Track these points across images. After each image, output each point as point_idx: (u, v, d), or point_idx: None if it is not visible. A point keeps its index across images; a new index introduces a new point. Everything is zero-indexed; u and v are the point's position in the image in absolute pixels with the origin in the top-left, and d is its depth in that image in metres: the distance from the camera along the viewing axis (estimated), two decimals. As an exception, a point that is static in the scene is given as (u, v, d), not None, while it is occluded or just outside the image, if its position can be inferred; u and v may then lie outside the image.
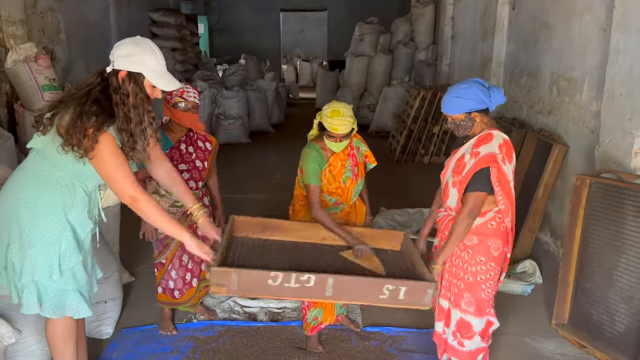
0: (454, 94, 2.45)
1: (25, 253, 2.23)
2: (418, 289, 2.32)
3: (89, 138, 2.12)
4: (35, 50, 5.89)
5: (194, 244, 2.34)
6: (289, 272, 2.25)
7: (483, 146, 2.42)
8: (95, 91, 2.19)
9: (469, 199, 2.44)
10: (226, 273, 2.23)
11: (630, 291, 3.08)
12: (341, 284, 2.29)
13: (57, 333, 2.42)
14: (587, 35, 3.96)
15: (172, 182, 2.56)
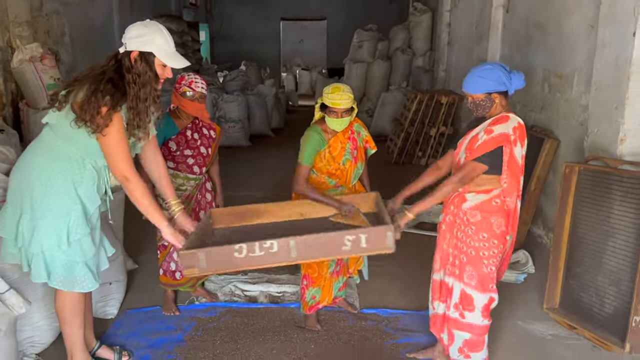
0: (477, 74, 2.51)
1: (36, 223, 2.35)
2: (378, 234, 2.39)
3: (102, 116, 2.25)
4: (41, 50, 6.04)
5: (169, 232, 2.48)
6: (251, 242, 2.33)
7: (498, 125, 2.49)
8: (109, 71, 2.33)
9: (467, 166, 2.51)
10: (193, 254, 2.33)
11: (618, 274, 3.19)
12: (303, 244, 2.35)
13: (66, 306, 2.53)
14: (576, 33, 4.11)
15: (158, 174, 2.67)
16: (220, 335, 3.10)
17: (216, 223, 2.88)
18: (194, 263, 2.34)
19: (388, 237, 2.38)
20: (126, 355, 2.87)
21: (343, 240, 2.37)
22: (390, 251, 2.43)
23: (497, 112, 2.56)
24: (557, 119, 4.48)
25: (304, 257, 2.42)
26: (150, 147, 2.64)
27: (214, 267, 2.43)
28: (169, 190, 2.69)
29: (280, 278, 3.85)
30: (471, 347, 2.68)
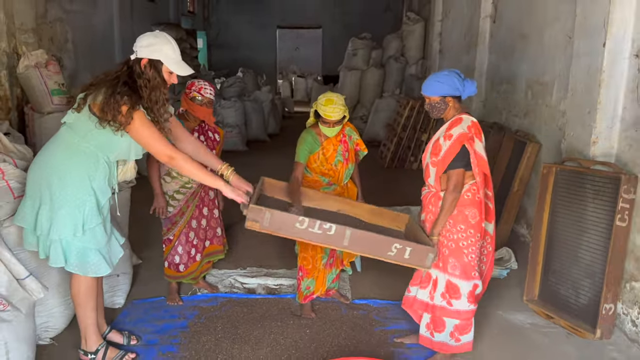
0: (435, 79, 2.81)
1: (54, 214, 2.57)
2: (421, 251, 2.67)
3: (123, 115, 2.49)
4: (46, 56, 6.26)
5: (229, 189, 2.70)
6: (314, 219, 2.58)
7: (454, 128, 2.78)
8: (123, 76, 2.57)
9: (452, 176, 2.78)
10: (261, 211, 2.56)
11: (592, 267, 3.43)
12: (357, 237, 2.62)
13: (81, 290, 2.75)
14: (556, 43, 4.38)
15: (198, 152, 2.91)
16: (221, 322, 3.32)
17: (266, 191, 3.15)
18: (259, 218, 2.57)
19: (429, 257, 2.67)
20: (134, 339, 3.09)
21: (391, 246, 2.64)
22: (426, 270, 2.75)
23: (451, 115, 2.84)
24: (539, 124, 4.74)
25: (352, 247, 2.67)
26: (179, 130, 2.89)
27: (274, 228, 2.62)
28: (213, 159, 2.93)
29: (277, 272, 4.08)
30: (461, 330, 2.91)
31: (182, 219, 3.50)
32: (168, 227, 3.53)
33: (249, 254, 4.40)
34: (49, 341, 3.06)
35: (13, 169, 2.90)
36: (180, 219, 3.50)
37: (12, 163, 2.93)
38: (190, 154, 2.85)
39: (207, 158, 2.94)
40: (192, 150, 2.90)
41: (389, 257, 2.67)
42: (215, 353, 2.99)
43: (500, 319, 3.57)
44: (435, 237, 2.83)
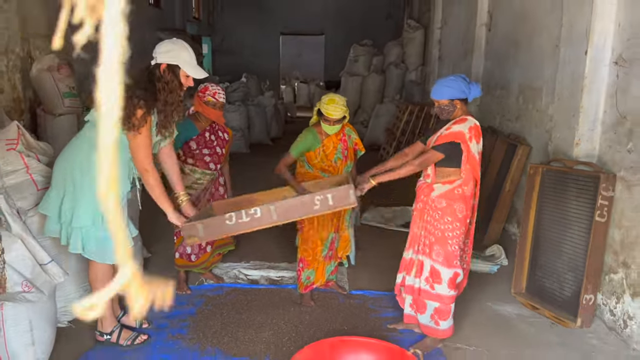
0: (443, 84, 3.02)
1: (76, 204, 2.80)
2: (341, 192, 2.85)
3: (137, 118, 2.72)
4: (58, 60, 6.53)
5: (174, 215, 2.95)
6: (239, 210, 2.78)
7: (456, 125, 2.99)
8: (142, 80, 2.80)
9: (427, 154, 3.01)
10: (192, 225, 2.79)
11: (575, 261, 3.66)
12: (282, 207, 2.81)
13: (98, 276, 2.98)
14: (545, 50, 4.62)
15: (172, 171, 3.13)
16: (226, 308, 3.55)
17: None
18: (194, 233, 2.79)
19: (350, 194, 2.85)
20: (146, 322, 3.32)
21: (313, 200, 2.83)
22: (354, 205, 2.91)
23: (458, 116, 3.06)
24: (529, 128, 4.98)
25: (283, 218, 2.85)
26: (167, 148, 3.11)
27: (210, 235, 2.86)
28: (179, 184, 3.16)
29: (279, 265, 4.32)
30: (440, 315, 3.13)
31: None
32: (179, 221, 3.76)
33: (253, 249, 4.63)
34: (67, 324, 3.29)
35: (37, 164, 3.14)
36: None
37: (35, 158, 3.17)
38: (165, 168, 3.11)
39: (177, 178, 3.16)
40: (169, 167, 3.13)
41: (317, 211, 2.86)
42: (221, 335, 3.22)
43: (488, 309, 3.79)
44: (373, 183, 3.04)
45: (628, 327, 3.25)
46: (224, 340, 3.16)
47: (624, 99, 3.37)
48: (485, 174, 5.59)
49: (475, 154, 3.01)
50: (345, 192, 2.84)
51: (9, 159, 3.07)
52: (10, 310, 2.68)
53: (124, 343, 3.06)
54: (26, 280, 2.80)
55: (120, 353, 3.01)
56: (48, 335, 2.86)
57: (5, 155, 3.06)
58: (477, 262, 4.54)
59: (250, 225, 2.81)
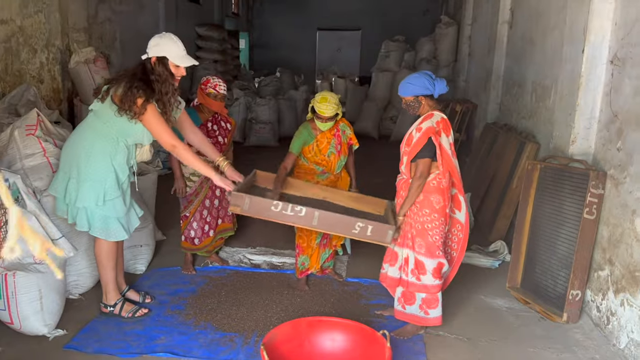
0: (407, 81, 3.19)
1: (80, 185, 3.07)
2: (381, 229, 3.04)
3: (138, 106, 2.97)
4: (94, 54, 6.93)
5: (218, 178, 3.16)
6: (287, 203, 2.99)
7: (424, 122, 3.14)
8: (138, 73, 3.05)
9: (419, 165, 3.14)
10: (241, 197, 3.00)
11: (568, 258, 3.69)
12: (324, 217, 3.01)
13: (102, 251, 3.25)
14: (555, 48, 4.62)
15: (201, 143, 3.41)
16: (225, 289, 3.79)
17: (258, 182, 3.59)
18: (240, 203, 3.00)
19: (389, 234, 3.05)
20: (149, 298, 3.59)
21: (355, 225, 3.02)
22: (387, 245, 3.13)
23: (425, 111, 3.19)
24: (539, 125, 4.99)
25: (321, 227, 3.07)
26: (187, 124, 3.38)
27: (252, 212, 3.05)
28: (212, 151, 3.42)
29: (283, 252, 4.52)
30: (428, 304, 3.26)
31: (197, 198, 3.98)
32: (185, 205, 4.01)
33: (259, 236, 4.84)
34: (78, 296, 3.59)
35: (53, 148, 3.45)
36: (195, 198, 3.98)
37: (52, 143, 3.48)
38: (195, 144, 3.34)
39: (209, 150, 3.43)
40: (197, 142, 3.39)
41: (354, 234, 3.05)
42: (215, 312, 3.45)
43: (480, 301, 3.88)
44: (401, 218, 3.20)
45: (610, 324, 3.29)
46: (217, 317, 3.39)
47: (617, 98, 3.39)
48: (497, 170, 5.62)
49: (446, 146, 3.12)
50: (384, 231, 3.03)
51: (28, 143, 3.38)
52: (22, 278, 2.99)
53: (125, 315, 3.33)
54: (38, 253, 3.09)
55: (121, 323, 3.28)
56: (56, 303, 3.16)
57: (25, 140, 3.38)
58: (479, 257, 4.61)
59: (291, 219, 3.02)
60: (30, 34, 6.11)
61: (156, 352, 2.98)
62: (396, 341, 3.18)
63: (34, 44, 6.20)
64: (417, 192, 3.16)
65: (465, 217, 3.34)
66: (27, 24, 6.01)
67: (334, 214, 3.05)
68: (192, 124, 3.43)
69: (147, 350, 3.00)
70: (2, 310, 3.02)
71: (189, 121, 3.42)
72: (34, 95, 5.74)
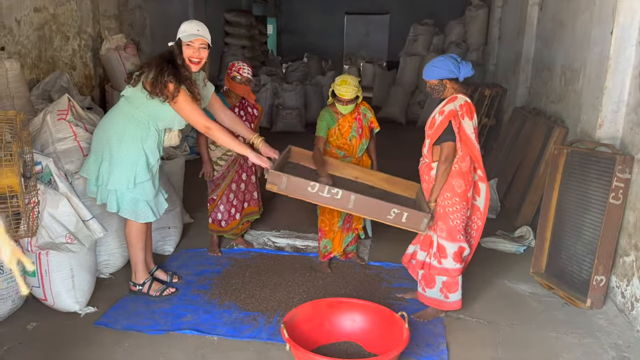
0: (431, 64, 3.16)
1: (112, 168, 3.18)
2: (416, 216, 3.03)
3: (169, 90, 3.03)
4: (125, 40, 7.06)
5: (254, 155, 3.20)
6: (323, 185, 3.03)
7: (447, 105, 3.12)
8: (166, 58, 3.12)
9: (443, 148, 3.12)
10: (278, 175, 3.03)
11: (593, 243, 3.64)
12: (360, 201, 3.01)
13: (132, 231, 3.36)
14: (585, 30, 4.52)
15: (233, 122, 3.47)
16: (249, 270, 3.88)
17: (292, 158, 3.65)
18: (277, 182, 3.03)
19: (423, 222, 3.04)
20: (176, 278, 3.70)
21: (390, 210, 3.02)
22: (423, 233, 3.11)
23: (449, 94, 3.16)
24: (568, 109, 4.90)
25: (356, 211, 3.07)
26: (217, 105, 3.45)
27: (289, 191, 3.07)
28: (246, 130, 3.48)
29: (307, 235, 4.58)
30: (448, 288, 3.28)
31: (224, 181, 4.06)
32: (212, 189, 4.10)
33: (284, 219, 4.91)
34: (109, 275, 3.73)
35: (83, 132, 3.56)
36: (222, 181, 4.06)
37: (83, 127, 3.59)
38: (227, 125, 3.40)
39: (241, 129, 3.48)
40: (229, 122, 3.45)
41: (389, 220, 3.04)
42: (239, 292, 3.54)
43: (503, 286, 3.87)
44: (432, 204, 3.19)
45: (634, 309, 3.25)
46: (241, 297, 3.48)
47: (646, 80, 3.31)
48: (525, 156, 5.55)
49: (467, 130, 3.10)
50: (419, 218, 3.02)
51: (60, 127, 3.50)
52: (55, 257, 3.12)
53: (153, 293, 3.45)
54: (69, 233, 3.22)
55: (148, 302, 3.39)
56: (87, 282, 3.29)
57: (57, 124, 3.50)
58: (504, 242, 4.59)
59: (327, 201, 3.03)
60: (63, 21, 6.26)
61: (182, 329, 3.09)
62: (416, 323, 3.22)
63: (67, 32, 6.36)
64: (445, 176, 3.14)
65: (485, 204, 3.32)
66: (59, 12, 6.16)
67: (371, 198, 3.04)
68: (222, 105, 3.50)
69: (174, 328, 3.10)
70: (36, 287, 3.17)
71: (219, 102, 3.49)
72: (67, 81, 5.90)
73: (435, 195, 3.18)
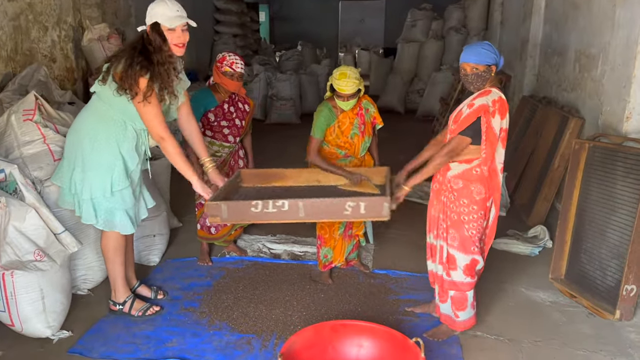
0: (481, 46, 2.71)
1: (86, 175, 2.81)
2: (375, 203, 2.68)
3: (140, 87, 2.65)
4: (108, 30, 6.65)
5: (199, 184, 2.89)
6: (266, 200, 2.67)
7: (479, 99, 2.70)
8: (138, 46, 2.73)
9: (453, 141, 2.74)
10: (217, 205, 2.70)
11: (620, 247, 3.32)
12: (310, 206, 2.66)
13: (109, 245, 3.01)
14: (603, 13, 4.15)
15: (192, 134, 3.09)
16: (243, 283, 3.52)
17: (244, 182, 3.28)
18: (217, 213, 2.72)
19: (384, 207, 2.67)
20: (161, 294, 3.35)
21: (345, 205, 2.68)
22: (386, 219, 2.73)
23: (483, 86, 2.75)
24: (583, 98, 4.55)
25: (310, 217, 2.73)
26: (184, 113, 3.05)
27: (233, 218, 2.79)
28: (202, 150, 3.10)
29: (305, 240, 4.23)
30: (457, 305, 2.93)
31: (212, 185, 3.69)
32: (200, 193, 3.73)
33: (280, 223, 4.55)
34: (87, 292, 3.38)
35: (54, 134, 3.19)
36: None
37: (53, 128, 3.22)
38: (185, 134, 3.05)
39: (198, 146, 3.10)
40: (188, 132, 3.07)
41: (347, 216, 2.71)
42: (232, 310, 3.19)
43: (520, 294, 3.54)
44: (407, 188, 2.84)
45: (671, 324, 2.93)
46: (233, 315, 3.13)
47: (683, 68, 2.96)
48: (536, 148, 5.21)
49: (496, 130, 2.72)
50: (379, 204, 2.67)
51: (26, 129, 3.13)
52: (21, 278, 2.77)
53: (135, 313, 3.10)
54: (39, 249, 2.86)
55: (130, 323, 3.04)
56: (60, 303, 2.93)
57: (23, 126, 3.12)
58: (518, 243, 4.26)
59: (275, 217, 2.71)
60: (40, 10, 5.84)
61: (166, 357, 2.74)
62: (429, 344, 2.88)
63: (45, 22, 5.94)
64: (436, 169, 2.81)
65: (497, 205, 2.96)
66: (36, 1, 5.75)
67: (319, 199, 2.69)
68: (189, 111, 3.08)
69: (157, 355, 2.75)
70: (1, 311, 2.82)
71: (188, 106, 3.08)
72: (45, 75, 5.50)
73: (416, 181, 2.83)
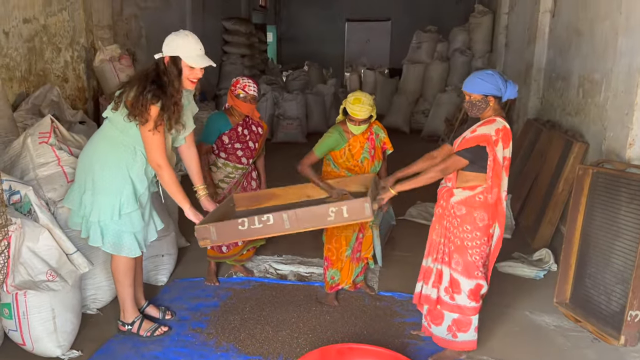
0: (478, 76, 2.79)
1: (95, 198, 2.88)
2: (357, 205, 2.72)
3: (150, 115, 2.73)
4: (119, 51, 6.79)
5: (191, 212, 2.98)
6: (252, 216, 2.72)
7: (482, 127, 2.76)
8: (151, 74, 2.81)
9: (450, 159, 2.81)
10: (205, 228, 2.76)
11: (625, 272, 3.34)
12: (294, 216, 2.71)
13: (119, 268, 3.06)
14: (606, 40, 4.23)
15: (190, 162, 3.17)
16: (250, 304, 3.56)
17: (237, 206, 3.34)
18: (207, 235, 2.78)
19: (366, 207, 2.71)
20: (170, 314, 3.39)
21: (327, 212, 2.73)
22: (370, 219, 2.80)
23: (488, 115, 2.80)
24: (587, 123, 4.60)
25: (295, 227, 2.77)
26: (187, 140, 3.13)
27: (222, 239, 2.84)
28: (197, 178, 3.19)
29: (311, 261, 4.27)
30: (459, 326, 2.95)
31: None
32: (211, 213, 3.79)
33: (287, 243, 4.58)
34: (96, 311, 3.42)
35: (68, 156, 3.26)
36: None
37: (67, 151, 3.30)
38: (184, 158, 3.15)
39: (194, 172, 3.19)
40: (187, 157, 3.16)
41: (331, 222, 2.76)
42: (239, 331, 3.23)
43: (524, 318, 3.56)
44: (393, 192, 2.91)
45: (676, 350, 2.95)
46: (240, 337, 3.17)
47: (684, 97, 3.02)
48: (540, 171, 5.25)
49: (500, 158, 2.78)
50: (361, 206, 2.72)
51: (41, 151, 3.20)
52: (34, 298, 2.82)
53: (143, 334, 3.14)
54: (51, 269, 2.91)
55: (138, 343, 3.09)
56: (70, 323, 2.98)
57: (38, 148, 3.20)
58: (523, 266, 4.28)
59: (263, 231, 2.76)
60: (54, 32, 5.99)
61: (175, 378, 2.78)
62: (434, 368, 2.91)
63: (58, 43, 6.08)
64: (426, 182, 2.86)
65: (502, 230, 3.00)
66: (50, 23, 5.89)
67: (302, 209, 2.75)
68: (192, 139, 3.17)
69: (165, 376, 2.80)
70: (13, 331, 2.87)
71: (192, 134, 3.16)
72: (57, 95, 5.62)
73: (404, 188, 2.89)
